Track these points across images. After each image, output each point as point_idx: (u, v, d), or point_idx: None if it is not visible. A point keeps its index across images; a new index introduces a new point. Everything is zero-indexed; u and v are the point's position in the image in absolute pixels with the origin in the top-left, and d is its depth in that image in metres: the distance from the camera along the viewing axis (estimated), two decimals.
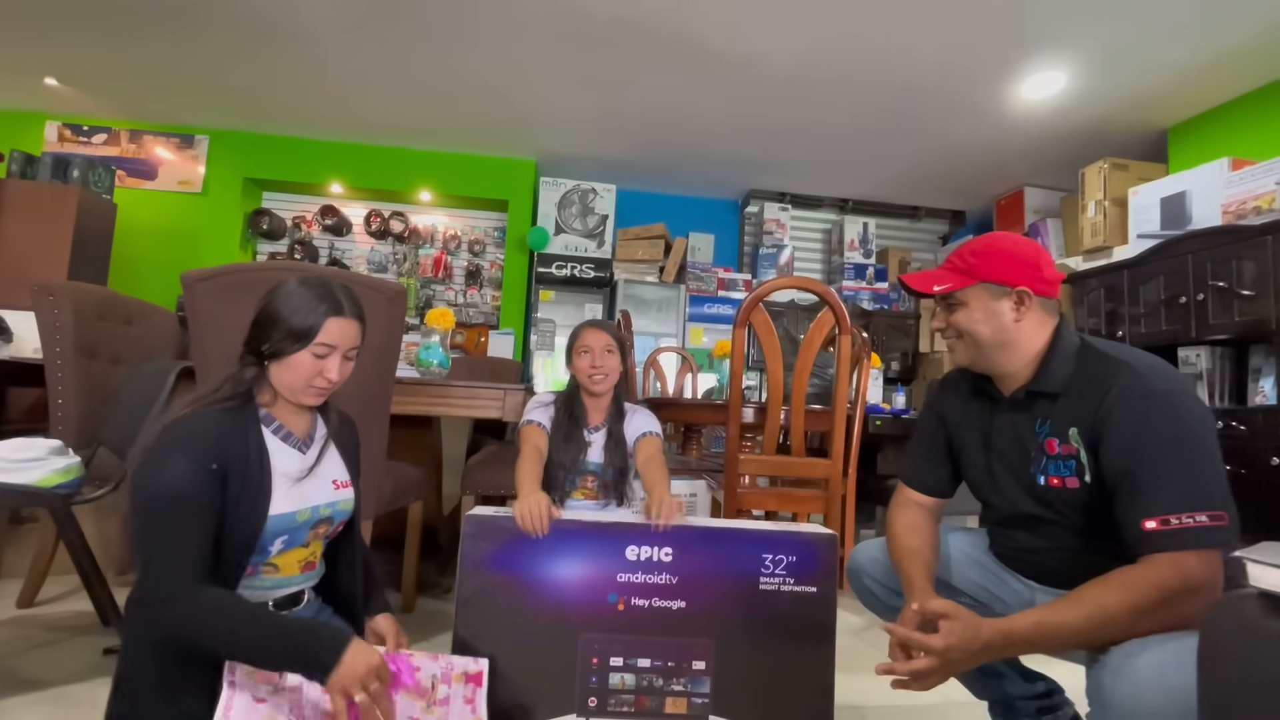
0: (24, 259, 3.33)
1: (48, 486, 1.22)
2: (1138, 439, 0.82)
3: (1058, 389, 0.93)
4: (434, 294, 4.85)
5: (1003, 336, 0.95)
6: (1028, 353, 0.95)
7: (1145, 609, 0.75)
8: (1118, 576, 0.79)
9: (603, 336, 1.47)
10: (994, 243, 0.97)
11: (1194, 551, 0.76)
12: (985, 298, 0.95)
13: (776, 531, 1.13)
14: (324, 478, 0.99)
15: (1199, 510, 0.77)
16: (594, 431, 1.49)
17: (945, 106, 3.55)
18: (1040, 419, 0.95)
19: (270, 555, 0.93)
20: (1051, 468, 0.93)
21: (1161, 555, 0.77)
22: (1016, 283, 0.94)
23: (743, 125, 3.92)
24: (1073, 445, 0.90)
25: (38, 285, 1.70)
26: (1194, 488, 0.78)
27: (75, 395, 1.70)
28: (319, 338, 0.93)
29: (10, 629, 1.54)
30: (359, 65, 3.48)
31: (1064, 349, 0.94)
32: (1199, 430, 0.81)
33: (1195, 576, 0.75)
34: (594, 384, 1.46)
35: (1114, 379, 0.86)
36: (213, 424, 0.89)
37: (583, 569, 1.08)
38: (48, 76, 3.76)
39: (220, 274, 1.37)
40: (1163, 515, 0.78)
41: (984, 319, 0.95)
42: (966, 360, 1.00)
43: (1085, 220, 3.63)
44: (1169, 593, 0.75)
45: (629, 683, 1.07)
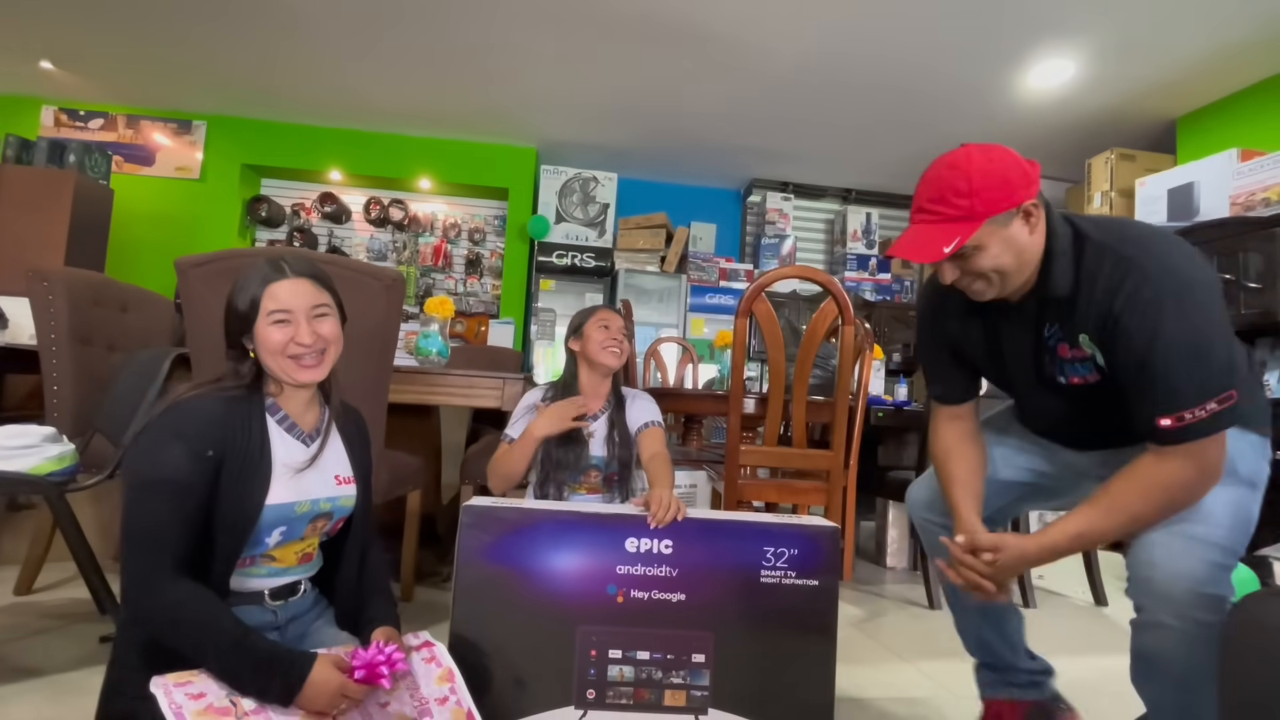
0: (21, 245, 3.30)
1: (41, 474, 1.21)
2: (1150, 341, 0.83)
3: (1063, 292, 0.91)
4: (434, 282, 4.82)
5: (1024, 257, 0.91)
6: (1036, 259, 0.93)
7: (1170, 505, 0.85)
8: (1142, 479, 0.86)
9: (619, 318, 1.48)
10: (967, 168, 0.89)
11: (1208, 439, 0.83)
12: (997, 231, 0.89)
13: (778, 524, 1.11)
14: (326, 471, 0.97)
15: (1208, 399, 0.82)
16: (594, 420, 1.46)
17: (951, 96, 3.50)
18: (1049, 323, 0.95)
19: (269, 547, 0.92)
20: (1068, 369, 0.96)
21: (1179, 448, 0.84)
22: (1018, 201, 0.89)
23: (746, 114, 3.88)
24: (1084, 350, 0.92)
25: (32, 271, 1.68)
26: (1207, 380, 0.82)
27: (70, 382, 1.69)
28: (266, 305, 0.90)
29: (7, 616, 1.54)
30: (358, 51, 3.44)
31: (1060, 245, 0.91)
32: (1208, 320, 0.84)
33: (1211, 462, 0.84)
34: (609, 356, 1.43)
35: (1120, 280, 0.86)
36: (214, 408, 0.88)
37: (581, 560, 1.07)
38: (43, 60, 3.72)
39: (214, 260, 1.35)
40: (1177, 413, 0.83)
41: (1004, 251, 0.90)
42: (996, 294, 0.95)
43: (1091, 211, 3.59)
44: (1190, 485, 0.84)
45: (627, 675, 1.06)
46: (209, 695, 0.75)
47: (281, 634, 0.94)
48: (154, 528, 0.80)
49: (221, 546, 0.86)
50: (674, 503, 1.13)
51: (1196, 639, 0.82)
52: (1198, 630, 0.82)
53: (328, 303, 0.95)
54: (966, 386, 1.12)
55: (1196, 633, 0.82)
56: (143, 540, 0.80)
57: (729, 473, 1.77)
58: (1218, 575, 0.83)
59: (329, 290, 0.97)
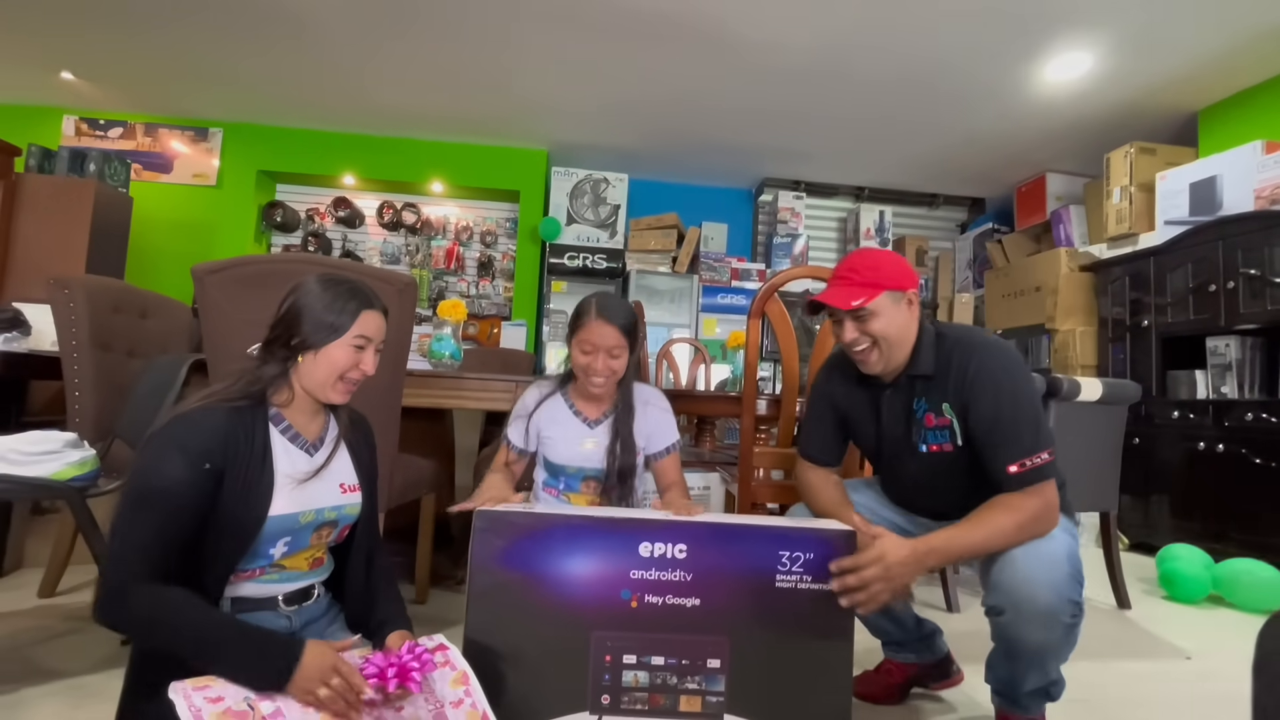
0: (42, 253, 3.37)
1: (63, 479, 1.23)
2: (996, 404, 1.10)
3: (930, 371, 1.16)
4: (446, 285, 4.85)
5: (904, 335, 1.16)
6: (911, 341, 1.17)
7: (1024, 525, 1.06)
8: (1002, 503, 1.08)
9: (612, 334, 1.22)
10: (876, 256, 1.17)
11: (1046, 482, 1.08)
12: (889, 304, 1.14)
13: (794, 528, 1.10)
14: (331, 480, 0.98)
15: (1041, 451, 1.07)
16: (595, 426, 1.33)
17: (966, 90, 3.46)
18: (918, 397, 1.18)
19: (274, 559, 0.92)
20: (931, 437, 1.17)
21: (1027, 489, 1.07)
22: (907, 287, 1.16)
23: (757, 112, 3.86)
24: (947, 417, 1.15)
25: (53, 279, 1.71)
26: (1035, 436, 1.08)
27: (91, 388, 1.71)
28: (355, 329, 0.94)
29: (31, 618, 1.57)
30: (371, 55, 3.46)
31: (926, 338, 1.18)
32: (1031, 390, 1.11)
33: (1049, 499, 1.08)
34: (593, 387, 1.27)
35: (968, 359, 1.12)
36: (217, 421, 0.88)
37: (595, 565, 1.06)
38: (64, 71, 3.79)
39: (231, 266, 1.36)
40: (1020, 460, 1.07)
41: (892, 323, 1.14)
42: (880, 366, 1.17)
43: (1110, 207, 3.53)
44: (1038, 512, 1.06)
45: (642, 680, 1.06)
46: (227, 699, 0.75)
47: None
48: (137, 538, 0.81)
49: (219, 555, 0.87)
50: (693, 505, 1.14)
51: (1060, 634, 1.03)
52: (1062, 630, 1.02)
53: (385, 340, 1.01)
54: (836, 453, 1.33)
55: (1061, 631, 1.02)
56: (125, 549, 0.81)
57: (742, 474, 1.76)
58: (1074, 584, 1.03)
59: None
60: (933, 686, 1.43)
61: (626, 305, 1.30)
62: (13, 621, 1.54)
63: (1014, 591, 1.03)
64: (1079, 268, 3.62)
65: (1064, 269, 3.60)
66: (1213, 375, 2.89)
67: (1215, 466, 2.78)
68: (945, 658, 1.42)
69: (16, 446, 1.22)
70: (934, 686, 1.43)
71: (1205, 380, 2.91)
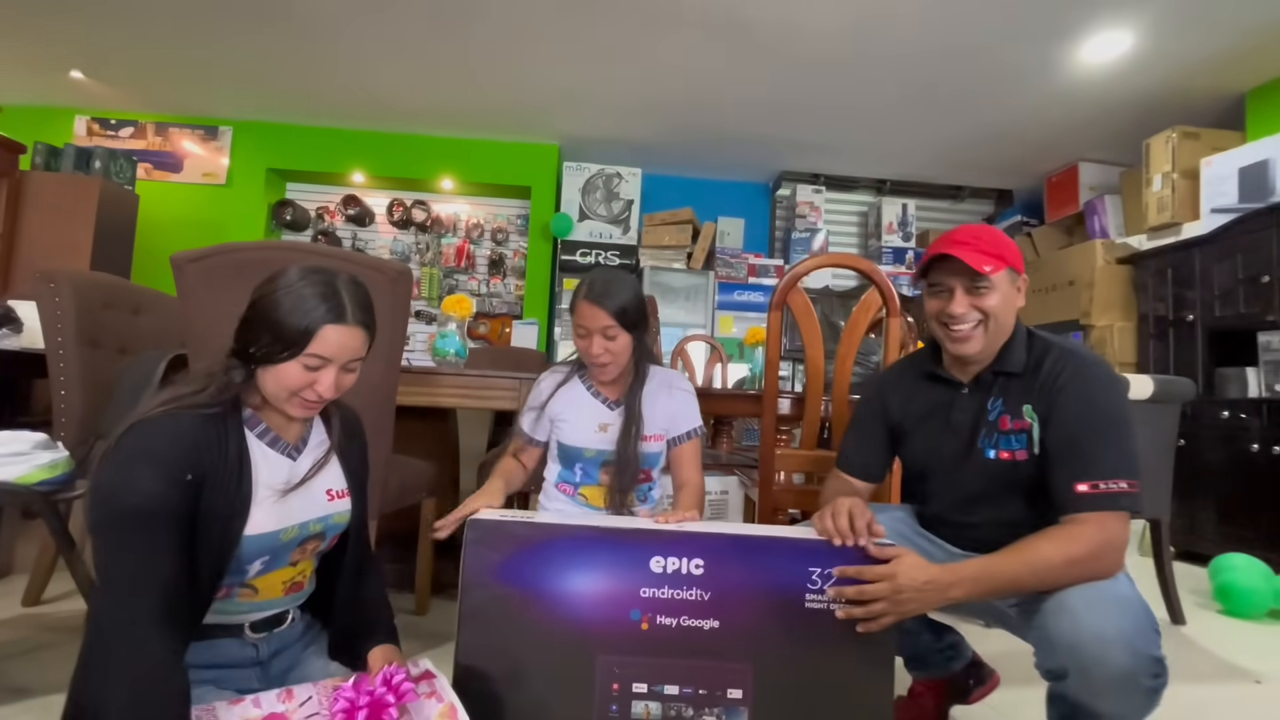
0: (47, 250, 3.34)
1: (29, 483, 1.14)
2: (1082, 415, 0.95)
3: (1017, 369, 1.03)
4: (457, 283, 4.77)
5: (1008, 319, 1.04)
6: (1009, 331, 1.05)
7: (1075, 559, 0.88)
8: (1052, 532, 0.92)
9: (599, 316, 1.15)
10: (995, 230, 1.04)
11: (1113, 513, 0.90)
12: (1008, 282, 1.03)
13: (825, 541, 0.97)
14: (316, 488, 0.87)
15: (1122, 478, 0.91)
16: (615, 408, 1.25)
17: (995, 76, 3.30)
18: (994, 398, 1.05)
19: (248, 576, 0.82)
20: (1002, 442, 1.03)
21: (1089, 515, 0.91)
22: (1022, 270, 1.05)
23: (775, 102, 3.72)
24: (1026, 420, 1.01)
25: (39, 272, 1.63)
26: (1122, 459, 0.92)
27: (79, 386, 1.63)
28: (311, 347, 0.79)
29: (9, 630, 1.49)
30: (379, 50, 3.39)
31: (1020, 334, 1.06)
32: (1126, 411, 0.96)
33: (1113, 533, 0.90)
34: (597, 372, 1.23)
35: (1065, 363, 1.00)
36: (187, 429, 0.75)
37: (601, 581, 0.95)
38: (74, 70, 3.77)
39: (212, 254, 1.27)
40: (1093, 480, 0.91)
41: (1005, 301, 1.02)
42: (978, 348, 1.03)
43: (1150, 195, 3.35)
44: (1094, 546, 0.89)
45: (654, 711, 0.94)
46: None
47: (265, 670, 0.84)
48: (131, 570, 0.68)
49: (198, 581, 0.75)
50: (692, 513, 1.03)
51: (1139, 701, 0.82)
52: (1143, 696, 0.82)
53: (363, 356, 0.86)
54: (876, 467, 1.20)
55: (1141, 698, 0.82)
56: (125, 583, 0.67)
57: (763, 478, 1.63)
58: (1154, 637, 0.83)
59: (371, 339, 0.87)
60: (971, 699, 1.28)
61: (622, 284, 1.19)
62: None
63: (1078, 650, 0.83)
64: (1116, 260, 3.44)
65: (1100, 261, 3.43)
66: (1265, 372, 2.70)
67: (1270, 470, 2.59)
68: (974, 662, 1.28)
69: None
70: (972, 698, 1.28)
71: (1257, 377, 2.73)
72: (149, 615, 0.66)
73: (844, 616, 0.93)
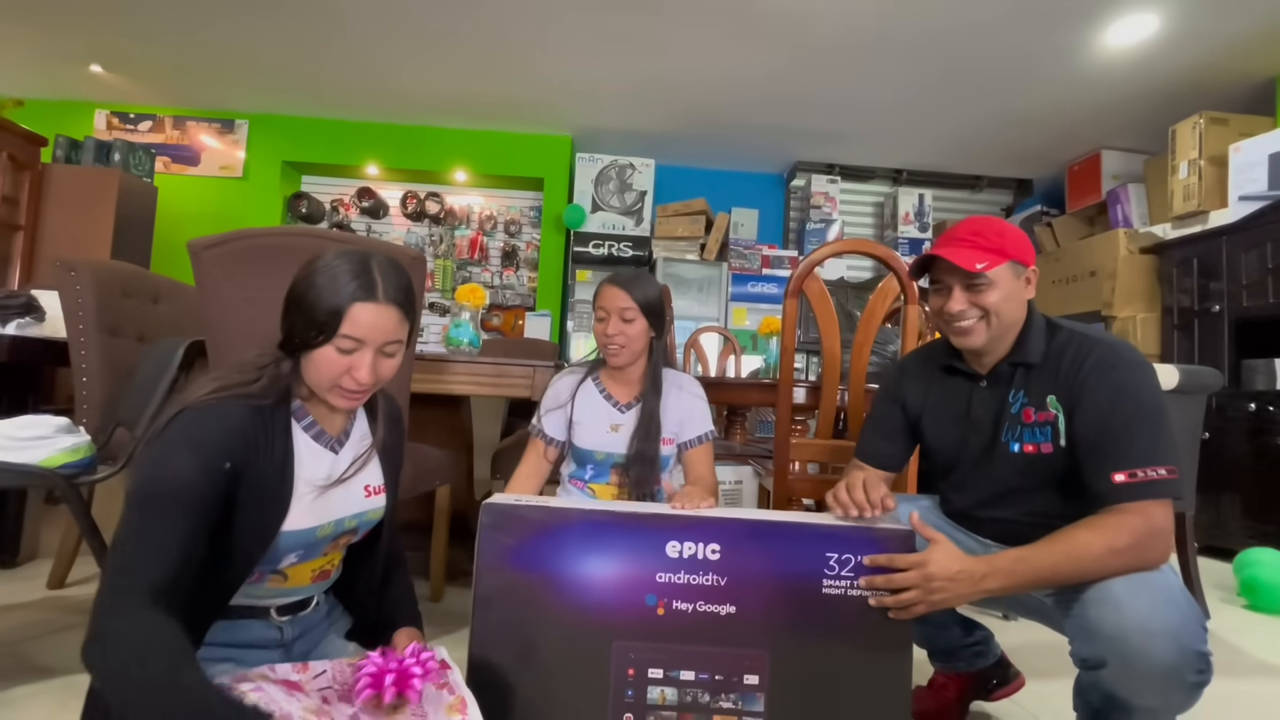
0: (69, 242, 3.38)
1: (52, 466, 1.16)
2: (1113, 404, 0.92)
3: (1035, 360, 1.00)
4: (470, 275, 4.78)
5: (1018, 315, 1.02)
6: (1019, 325, 1.03)
7: (1118, 549, 0.85)
8: (1092, 521, 0.89)
9: (620, 296, 1.21)
10: (1001, 223, 1.02)
11: (1156, 501, 0.87)
12: (1010, 277, 1.00)
13: (843, 527, 0.96)
14: (355, 485, 0.85)
15: (1159, 465, 0.88)
16: (625, 410, 1.29)
17: (1016, 61, 3.23)
18: (1015, 390, 1.02)
19: (280, 565, 0.81)
20: (1026, 435, 1.00)
21: (1130, 504, 0.88)
22: (1029, 262, 1.02)
23: (790, 92, 3.68)
24: (1051, 411, 0.98)
25: (59, 261, 1.65)
26: (1156, 447, 0.89)
27: (99, 373, 1.65)
28: (343, 328, 0.76)
29: (34, 612, 1.51)
30: (393, 41, 3.39)
31: (1036, 324, 1.03)
32: (1158, 398, 0.93)
33: (1158, 522, 0.87)
34: (609, 355, 1.25)
35: (1089, 351, 0.96)
36: (235, 419, 0.74)
37: (617, 567, 0.94)
38: (93, 64, 3.81)
39: (228, 240, 1.28)
40: (1130, 469, 0.88)
41: (1008, 298, 1.00)
42: (982, 341, 1.02)
43: (1176, 183, 3.27)
44: (1138, 535, 0.86)
45: (670, 697, 0.93)
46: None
47: (288, 651, 0.84)
48: (143, 546, 0.67)
49: (229, 569, 0.75)
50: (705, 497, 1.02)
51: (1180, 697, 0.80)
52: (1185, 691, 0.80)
53: (402, 340, 0.82)
54: (896, 458, 1.19)
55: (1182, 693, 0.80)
56: (128, 558, 0.67)
57: (778, 468, 1.62)
58: (1200, 631, 0.81)
59: (410, 320, 0.83)
60: (993, 696, 1.27)
61: (648, 280, 1.27)
62: (17, 615, 1.49)
63: (1121, 641, 0.81)
64: (1139, 250, 3.36)
65: (1123, 251, 3.35)
66: None
67: None
68: (1000, 661, 1.26)
69: (6, 431, 1.15)
70: (995, 696, 1.27)
71: None
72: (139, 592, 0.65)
73: (876, 604, 0.92)
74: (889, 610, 0.92)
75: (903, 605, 0.90)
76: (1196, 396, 1.92)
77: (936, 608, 0.90)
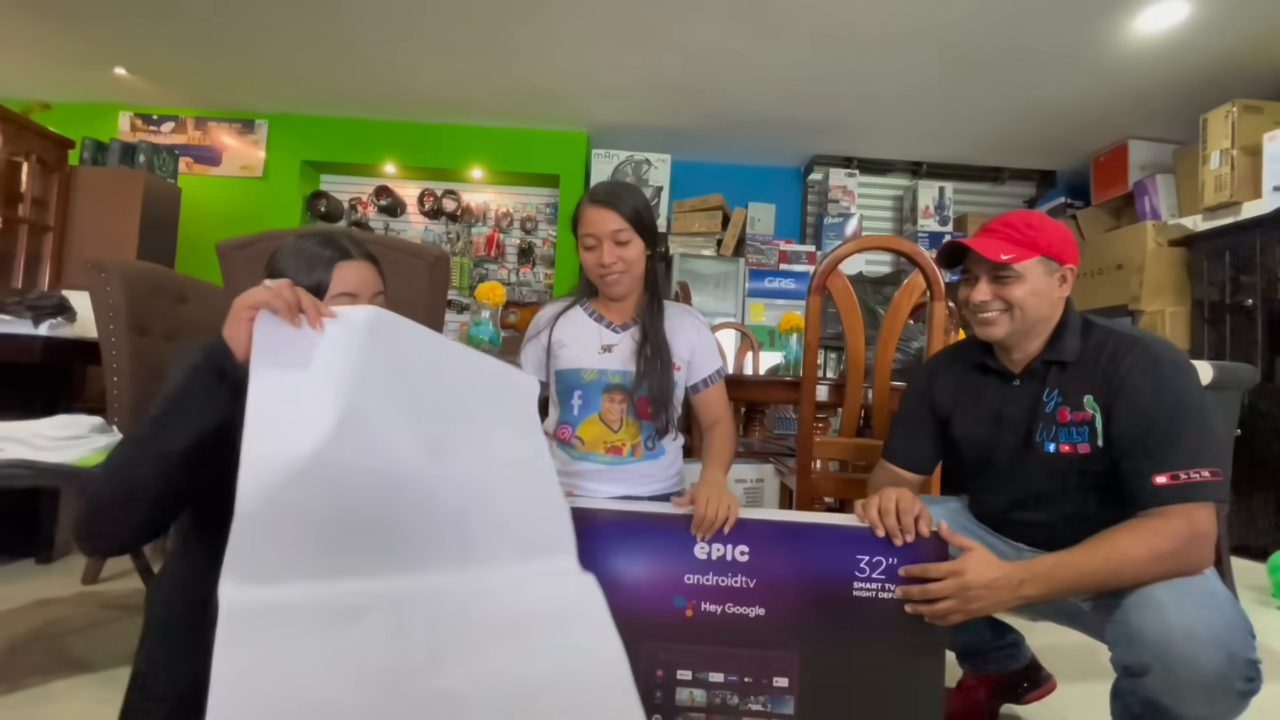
0: (97, 242, 3.45)
1: (87, 465, 1.18)
2: (1153, 403, 0.89)
3: (1070, 358, 0.98)
4: (487, 273, 4.80)
5: (1046, 311, 0.99)
6: (1051, 324, 1.00)
7: (1161, 553, 0.83)
8: (1133, 525, 0.87)
9: (608, 218, 1.05)
10: (1041, 217, 1.00)
11: (1199, 504, 0.84)
12: (1041, 272, 0.98)
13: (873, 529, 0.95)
14: None
15: (1203, 467, 0.85)
16: (620, 330, 1.13)
17: (1039, 50, 3.16)
18: (1049, 389, 0.99)
19: None
20: (1062, 435, 0.97)
21: (1172, 507, 0.85)
22: (1066, 260, 0.99)
23: (807, 84, 3.64)
24: (1088, 411, 0.95)
25: (90, 262, 1.68)
26: (1200, 447, 0.86)
27: (130, 372, 1.68)
28: (334, 287, 0.86)
29: (69, 606, 1.55)
30: (409, 40, 3.40)
31: (1072, 322, 1.00)
32: (1201, 397, 0.90)
33: (1201, 526, 0.84)
34: (609, 286, 1.09)
35: (1127, 349, 0.94)
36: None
37: (644, 568, 0.94)
38: (117, 66, 3.87)
39: (255, 241, 1.29)
40: (1173, 471, 0.86)
41: (1036, 292, 0.97)
42: (1004, 333, 1.00)
43: (1207, 173, 3.19)
44: (1181, 539, 0.84)
45: (699, 699, 0.93)
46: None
47: None
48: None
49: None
50: (723, 501, 0.95)
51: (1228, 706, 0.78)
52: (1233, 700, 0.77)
53: (383, 290, 0.92)
54: (925, 459, 1.16)
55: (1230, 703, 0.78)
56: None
57: (801, 466, 1.61)
58: (1249, 638, 0.79)
59: (382, 276, 0.93)
60: (1025, 699, 1.25)
61: (629, 189, 1.11)
62: (52, 609, 1.53)
63: (1166, 648, 0.79)
64: (1168, 242, 3.29)
65: (1150, 244, 3.28)
66: None
67: None
68: (1031, 664, 1.25)
69: (42, 431, 1.18)
70: (1026, 699, 1.25)
71: None
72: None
73: (912, 612, 0.91)
74: (907, 611, 0.91)
75: (939, 615, 0.89)
76: (1230, 393, 1.87)
77: (974, 615, 0.88)
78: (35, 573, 1.79)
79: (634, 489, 1.09)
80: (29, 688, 1.18)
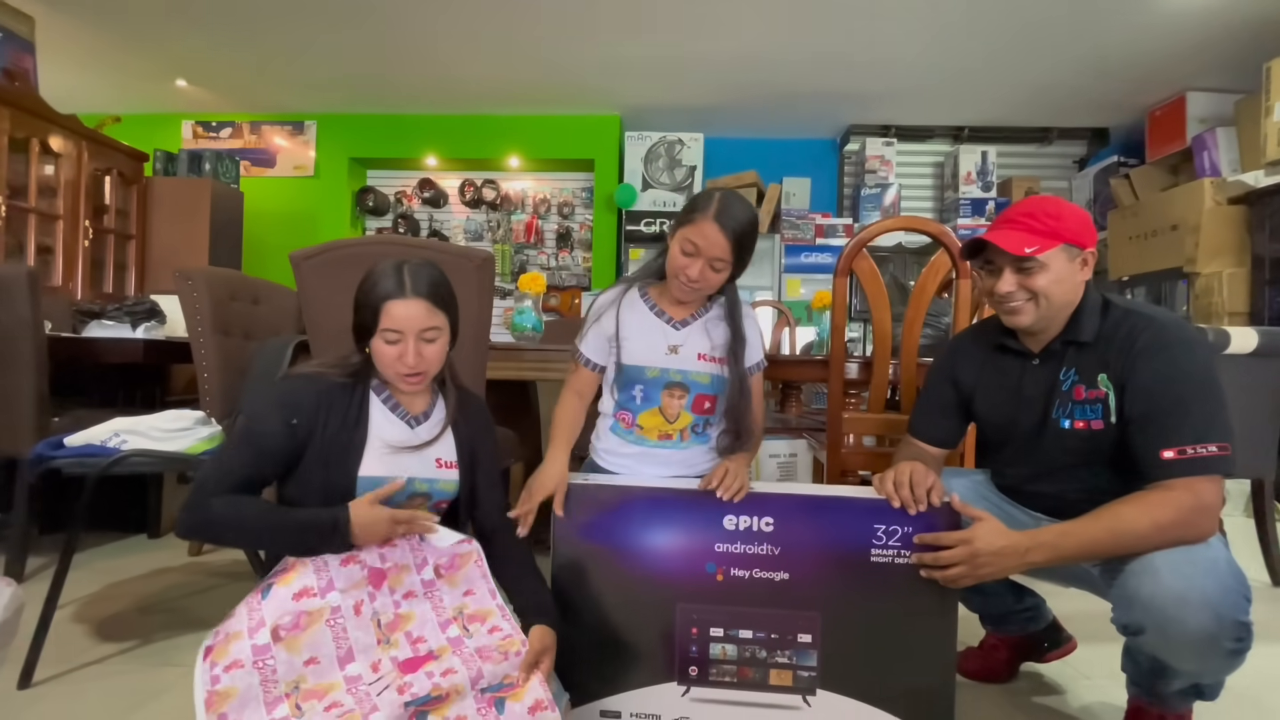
0: (172, 249, 3.73)
1: (196, 453, 1.36)
2: (1164, 379, 0.93)
3: (1088, 338, 1.01)
4: (527, 259, 4.94)
5: (1070, 297, 1.02)
6: (1072, 307, 1.03)
7: (1164, 524, 0.88)
8: (1138, 497, 0.91)
9: (720, 244, 1.03)
10: (1060, 204, 1.01)
11: (1204, 477, 0.89)
12: (1063, 259, 1.00)
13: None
14: (428, 454, 1.00)
15: (1210, 441, 0.89)
16: (680, 328, 1.13)
17: (1089, 3, 3.03)
18: (1066, 368, 1.03)
19: None
20: (1078, 412, 1.01)
21: (1178, 480, 0.89)
22: (1087, 244, 1.01)
23: (841, 52, 3.58)
24: (1102, 389, 0.99)
25: (178, 271, 1.87)
26: (1207, 422, 0.90)
27: (216, 370, 1.88)
28: (383, 323, 0.94)
29: (183, 575, 1.77)
30: (442, 34, 3.51)
31: (1091, 303, 1.03)
32: (1212, 374, 0.93)
33: (1206, 498, 0.88)
34: (681, 293, 1.10)
35: (1142, 329, 0.97)
36: (316, 388, 0.96)
37: (678, 538, 1.05)
38: (179, 79, 4.12)
39: (324, 251, 1.43)
40: (1180, 446, 0.90)
41: (1060, 281, 1.00)
42: (1030, 321, 1.03)
43: (1271, 125, 3.02)
44: (1185, 511, 0.88)
45: (730, 653, 1.04)
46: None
47: None
48: (225, 464, 0.92)
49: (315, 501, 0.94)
50: (740, 477, 1.04)
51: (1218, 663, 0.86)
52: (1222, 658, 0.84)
53: (439, 325, 0.97)
54: (950, 434, 1.21)
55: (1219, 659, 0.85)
56: (213, 469, 0.92)
57: (831, 441, 1.68)
58: (1240, 601, 0.84)
59: (444, 310, 0.98)
60: (1045, 658, 1.32)
61: (750, 212, 1.08)
62: (168, 577, 1.75)
63: (1158, 609, 0.85)
64: (1227, 200, 3.15)
65: (1208, 202, 3.15)
66: None
67: None
68: (1053, 625, 1.31)
69: (157, 424, 1.36)
70: (1046, 658, 1.32)
71: None
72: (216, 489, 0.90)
73: (926, 577, 0.98)
74: (921, 572, 0.99)
75: (950, 579, 0.96)
76: (1277, 360, 1.84)
77: (983, 580, 0.95)
78: (148, 546, 2.04)
79: (685, 470, 1.15)
80: (159, 641, 1.39)
